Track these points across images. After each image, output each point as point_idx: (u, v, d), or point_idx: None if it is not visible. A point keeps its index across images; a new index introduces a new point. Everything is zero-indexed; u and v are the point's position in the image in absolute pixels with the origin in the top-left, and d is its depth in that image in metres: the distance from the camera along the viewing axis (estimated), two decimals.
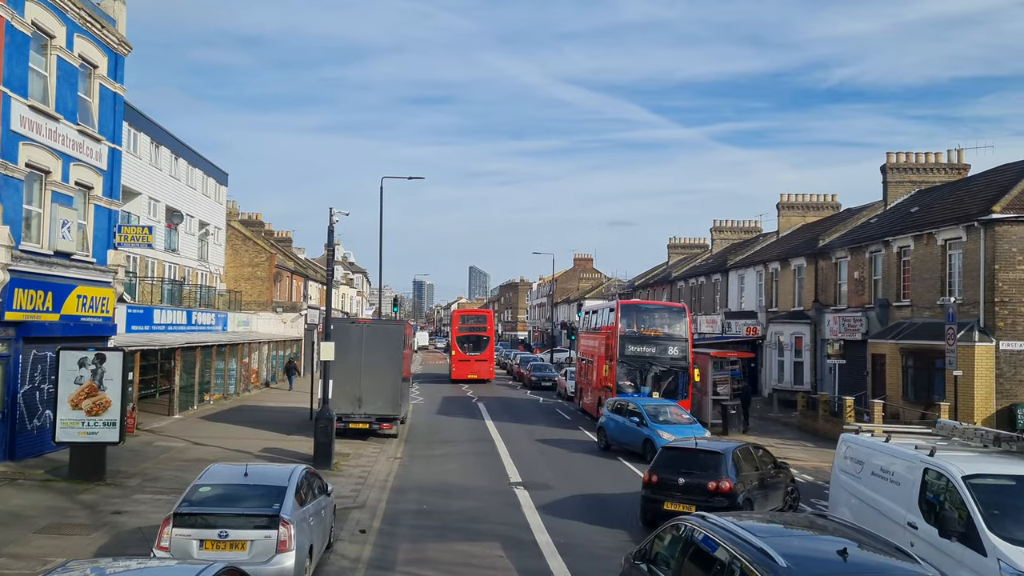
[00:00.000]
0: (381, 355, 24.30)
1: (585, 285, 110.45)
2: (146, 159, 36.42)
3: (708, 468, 14.16)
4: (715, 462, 14.22)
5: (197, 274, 44.56)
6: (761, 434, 27.98)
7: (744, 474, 14.33)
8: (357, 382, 24.12)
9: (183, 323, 34.67)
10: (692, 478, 14.12)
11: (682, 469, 14.39)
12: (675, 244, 67.43)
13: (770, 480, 15.43)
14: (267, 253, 51.22)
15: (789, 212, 45.28)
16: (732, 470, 14.06)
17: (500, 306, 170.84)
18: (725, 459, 14.24)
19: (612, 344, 28.34)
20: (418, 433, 27.28)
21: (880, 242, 29.65)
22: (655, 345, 27.95)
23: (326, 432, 19.45)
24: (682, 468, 14.41)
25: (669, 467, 14.61)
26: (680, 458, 14.72)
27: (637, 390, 27.87)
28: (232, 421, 27.62)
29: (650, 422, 21.99)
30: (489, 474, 20.07)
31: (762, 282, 40.95)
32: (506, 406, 36.53)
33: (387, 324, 26.71)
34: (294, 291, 57.07)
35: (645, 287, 64.50)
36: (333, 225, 20.51)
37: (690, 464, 14.43)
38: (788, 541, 7.43)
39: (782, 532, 7.92)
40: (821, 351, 33.96)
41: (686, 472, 14.29)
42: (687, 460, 14.59)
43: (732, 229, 56.78)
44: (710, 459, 14.38)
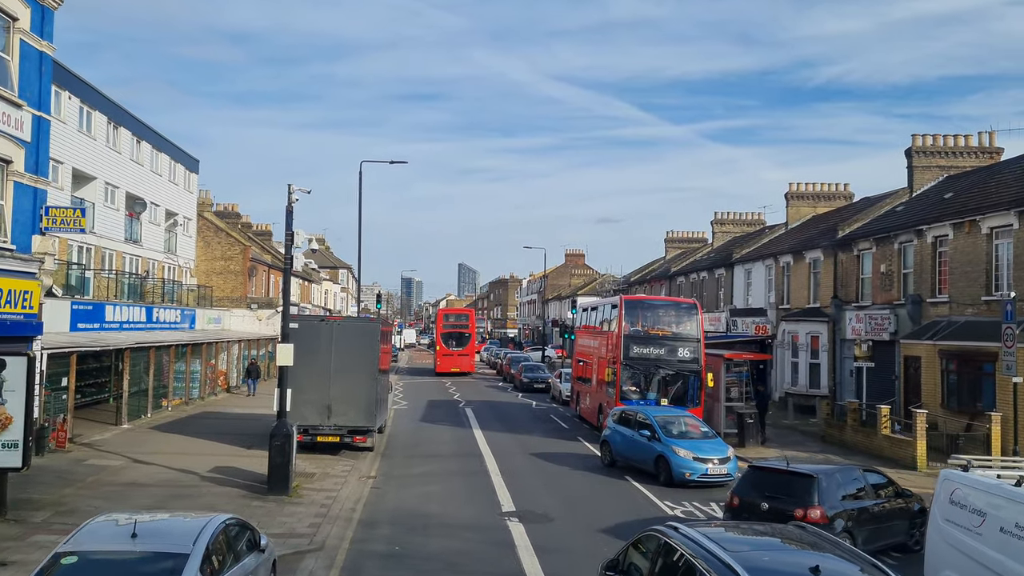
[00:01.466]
0: (354, 358, 21.22)
1: (577, 281, 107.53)
2: (102, 140, 33.13)
3: (797, 493, 12.49)
4: (806, 487, 12.49)
5: (163, 267, 41.25)
6: (781, 445, 25.02)
7: (845, 502, 12.61)
8: (326, 389, 21.02)
9: (141, 320, 31.44)
10: (778, 503, 12.49)
11: (767, 493, 12.80)
12: (672, 238, 64.53)
13: (885, 510, 13.16)
14: (241, 245, 47.96)
15: (798, 202, 42.40)
16: (827, 497, 12.35)
17: (489, 303, 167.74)
18: (818, 484, 12.47)
19: (614, 345, 25.33)
20: (398, 445, 24.20)
21: (911, 231, 26.75)
22: (663, 346, 24.95)
23: (282, 451, 16.34)
24: (767, 492, 12.82)
25: (754, 490, 13.10)
26: (767, 480, 13.17)
27: (643, 396, 24.88)
28: (187, 432, 24.44)
29: (663, 436, 18.97)
30: (477, 500, 17.01)
31: (772, 277, 38.05)
32: (496, 412, 33.48)
33: (361, 322, 23.69)
34: (271, 286, 53.83)
35: (641, 283, 61.59)
36: (292, 205, 17.41)
37: (777, 487, 12.82)
38: (757, 555, 7.11)
39: (754, 545, 7.60)
40: (841, 352, 31.06)
41: (772, 496, 12.70)
42: (775, 483, 12.97)
43: (734, 222, 53.89)
44: (800, 483, 12.64)
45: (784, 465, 13.30)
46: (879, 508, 13.09)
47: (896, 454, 21.81)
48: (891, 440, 22.36)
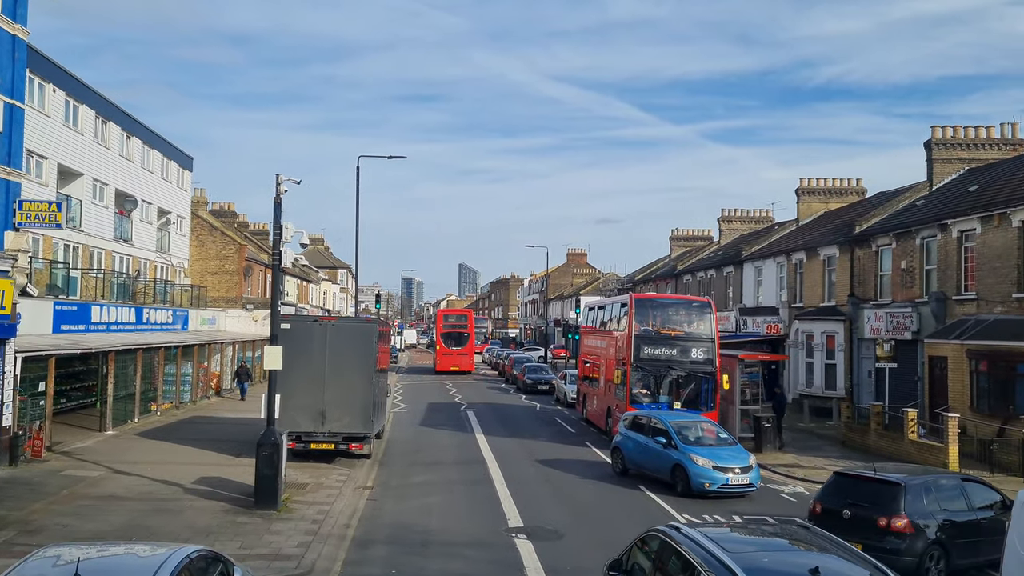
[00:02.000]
0: (350, 360, 19.99)
1: (579, 281, 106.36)
2: (89, 135, 31.92)
3: (882, 501, 11.89)
4: (891, 495, 11.89)
5: (155, 267, 40.06)
6: (800, 451, 23.79)
7: (937, 512, 11.89)
8: (320, 394, 19.79)
9: (130, 321, 30.26)
10: (861, 511, 11.96)
11: (850, 500, 12.27)
12: (677, 236, 63.27)
13: (987, 523, 12.17)
14: (236, 244, 46.74)
15: (809, 198, 41.13)
16: (914, 506, 11.72)
17: (490, 303, 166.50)
18: (904, 491, 11.84)
19: (624, 345, 24.09)
20: (397, 451, 22.97)
21: (935, 226, 25.50)
22: (675, 347, 23.69)
23: (271, 462, 15.09)
24: (851, 499, 12.29)
25: (837, 496, 12.58)
26: (851, 487, 12.59)
27: (654, 400, 23.64)
28: (175, 438, 23.20)
29: (680, 444, 17.72)
30: (481, 514, 15.77)
31: (784, 274, 36.80)
32: (499, 415, 32.24)
33: (358, 322, 22.49)
34: (268, 286, 52.58)
35: (646, 282, 60.35)
36: (281, 196, 16.17)
37: (861, 495, 12.27)
38: (757, 556, 7.10)
39: (755, 546, 7.60)
40: (859, 352, 29.82)
41: (855, 504, 12.14)
42: (859, 490, 12.41)
43: (742, 219, 52.61)
44: (885, 491, 12.03)
45: (870, 472, 12.66)
46: (979, 521, 12.09)
47: (925, 460, 20.57)
48: (919, 446, 21.12)
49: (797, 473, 20.48)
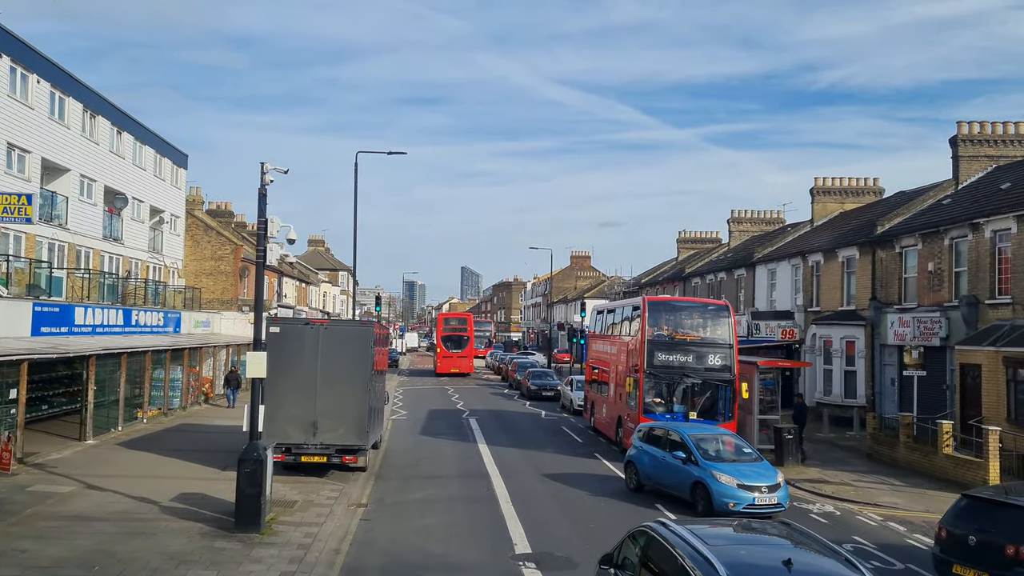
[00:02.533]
0: (344, 366, 18.62)
1: (583, 284, 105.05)
2: (76, 129, 30.65)
3: (1011, 527, 10.75)
4: (1020, 521, 10.75)
5: (147, 268, 38.79)
6: (824, 464, 22.36)
7: None
8: (311, 403, 18.40)
9: (118, 324, 28.94)
10: (988, 536, 10.93)
11: (977, 526, 11.24)
12: (685, 238, 61.90)
13: None
14: (233, 245, 45.39)
15: (825, 198, 39.74)
16: None
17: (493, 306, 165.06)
18: None
19: (637, 351, 22.67)
20: (394, 463, 21.58)
21: (965, 225, 24.08)
22: (692, 353, 22.27)
23: (253, 479, 13.69)
24: (977, 524, 11.26)
25: (963, 520, 11.53)
26: (979, 511, 11.54)
27: (669, 409, 22.22)
28: (159, 448, 21.83)
29: (701, 459, 16.29)
30: (485, 537, 14.37)
31: (799, 277, 35.38)
32: (502, 422, 30.84)
33: (352, 325, 21.14)
34: (265, 287, 51.22)
35: (653, 284, 58.93)
36: (266, 187, 14.80)
37: (990, 520, 11.22)
38: (734, 549, 7.49)
39: (734, 541, 8.01)
40: (881, 358, 28.39)
41: (982, 529, 11.12)
42: (987, 514, 11.35)
43: (752, 220, 51.25)
44: (1016, 516, 10.85)
45: (1001, 496, 11.59)
46: None
47: (962, 476, 19.15)
48: (955, 461, 19.68)
49: (824, 490, 19.05)
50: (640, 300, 23.47)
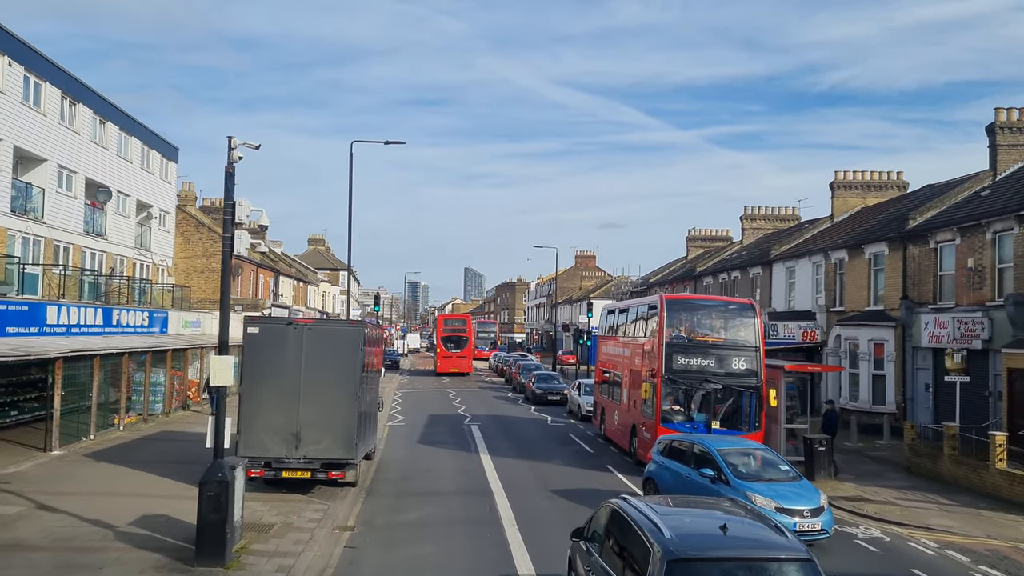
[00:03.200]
0: (331, 370, 16.72)
1: (588, 284, 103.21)
2: (54, 117, 28.81)
3: None
4: None
5: (134, 265, 36.97)
6: (859, 478, 20.39)
7: None
8: (294, 411, 16.49)
9: (97, 324, 27.10)
10: None
11: None
12: (695, 236, 59.95)
13: None
14: None
15: (846, 193, 37.77)
16: None
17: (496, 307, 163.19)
18: None
19: (654, 355, 20.71)
20: (389, 476, 19.68)
21: (1011, 218, 22.10)
22: (714, 356, 20.32)
23: (217, 504, 11.77)
24: None
25: None
26: None
27: (689, 418, 20.29)
28: (130, 460, 19.93)
29: (733, 478, 14.35)
30: (487, 570, 12.44)
31: (820, 275, 33.40)
32: (506, 429, 28.91)
33: (340, 325, 19.24)
34: (260, 286, 49.41)
35: (662, 284, 56.97)
36: (234, 164, 12.91)
37: None
38: (681, 518, 8.74)
39: (682, 512, 9.20)
40: (913, 361, 26.41)
41: None
42: None
43: (767, 217, 49.29)
44: None
45: None
46: None
47: (1019, 495, 17.19)
48: (1011, 477, 17.69)
49: (865, 509, 17.09)
50: (656, 298, 21.52)
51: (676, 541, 7.62)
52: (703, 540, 7.91)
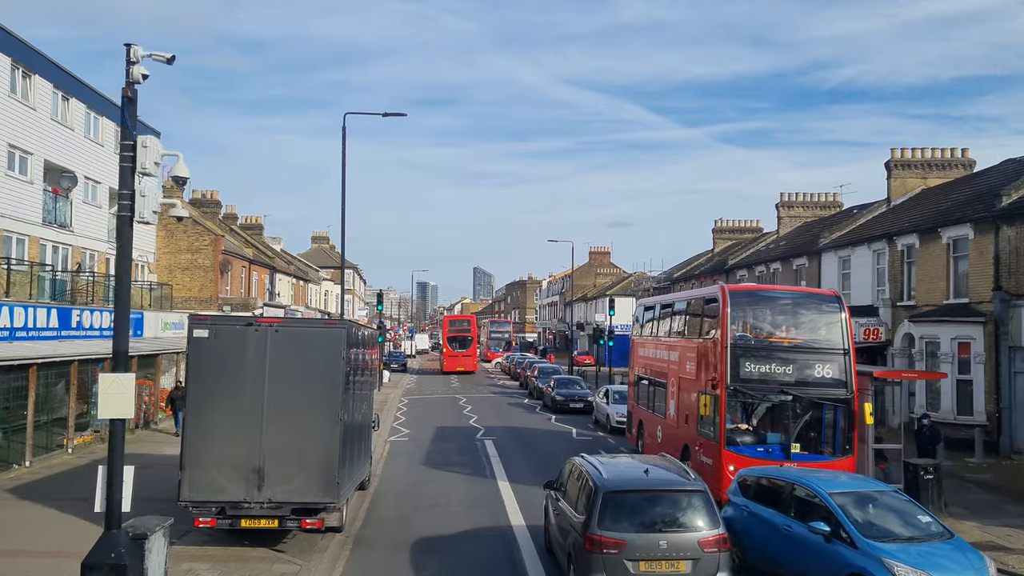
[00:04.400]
0: (304, 384, 12.74)
1: (603, 281, 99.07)
2: (3, 89, 24.93)
3: None
4: None
5: (107, 260, 33.09)
6: (976, 515, 16.20)
7: None
8: (255, 439, 12.49)
9: (52, 327, 23.24)
10: None
11: None
12: (723, 228, 55.78)
13: None
14: (211, 235, 39.64)
15: (904, 173, 33.55)
16: None
17: (506, 306, 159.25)
18: None
19: (715, 360, 16.57)
20: (385, 516, 15.69)
21: None
22: (791, 361, 16.17)
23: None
24: None
25: None
26: None
27: (761, 440, 16.22)
28: (61, 497, 15.94)
29: (860, 537, 10.16)
30: None
31: (884, 264, 29.19)
32: (526, 446, 24.88)
33: (314, 326, 15.21)
34: (253, 284, 45.53)
35: (688, 279, 52.82)
36: (135, 87, 8.93)
37: None
38: (617, 467, 12.00)
39: (620, 464, 12.50)
40: (1010, 364, 22.24)
41: None
42: None
43: (805, 204, 45.03)
44: None
45: None
46: None
47: None
48: None
49: (1008, 563, 12.95)
50: (716, 290, 17.37)
51: (609, 479, 10.97)
52: (629, 480, 11.19)
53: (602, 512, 10.29)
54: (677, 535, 10.16)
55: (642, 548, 9.97)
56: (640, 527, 10.21)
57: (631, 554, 9.92)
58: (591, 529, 10.20)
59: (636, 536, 10.06)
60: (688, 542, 10.10)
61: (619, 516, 10.30)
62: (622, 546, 9.95)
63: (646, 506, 10.55)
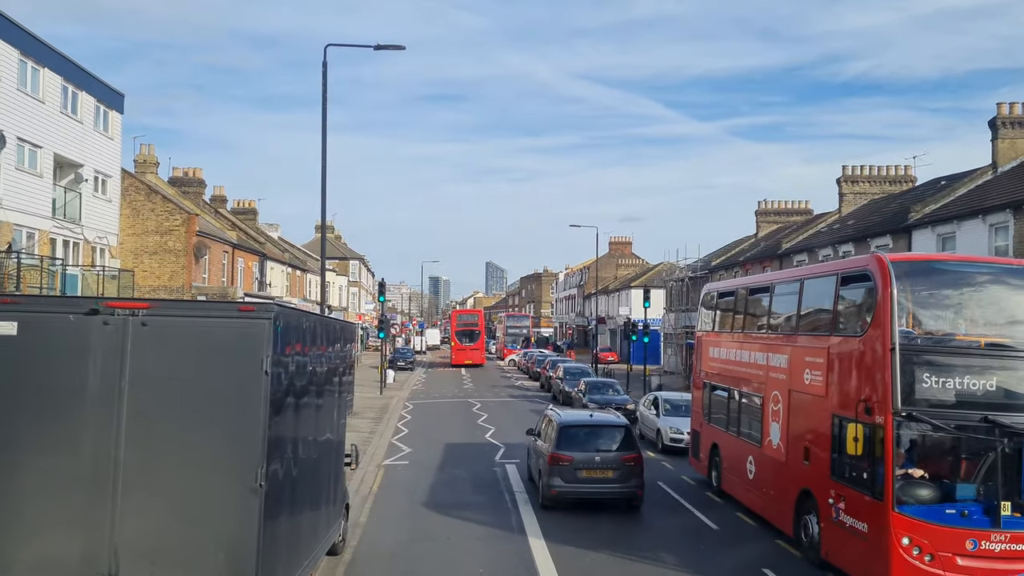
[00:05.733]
0: (192, 420, 7.08)
1: (625, 272, 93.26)
2: None
3: None
4: None
5: (53, 241, 27.58)
6: None
7: None
8: (100, 522, 6.80)
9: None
10: None
11: None
12: (766, 210, 49.78)
13: None
14: (183, 214, 34.03)
15: (1013, 132, 27.53)
16: None
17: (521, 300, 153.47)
18: None
19: (870, 370, 10.71)
20: None
21: None
22: (1002, 372, 10.31)
23: None
24: None
25: None
26: None
27: (948, 496, 10.35)
28: None
29: None
30: None
31: (1007, 241, 23.11)
32: None
33: (213, 314, 9.13)
34: (238, 272, 39.95)
35: (729, 267, 46.86)
36: None
37: None
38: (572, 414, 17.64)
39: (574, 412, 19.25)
40: None
41: None
42: None
43: (871, 179, 38.98)
44: None
45: None
46: None
47: None
48: None
49: None
50: (867, 261, 11.39)
51: (566, 419, 16.15)
52: (578, 420, 16.52)
53: (558, 439, 15.29)
54: (606, 454, 15.26)
55: (584, 461, 15.02)
56: (583, 449, 15.25)
57: (577, 465, 14.96)
58: (552, 450, 15.23)
59: (580, 454, 15.09)
60: (614, 459, 15.16)
61: (570, 442, 15.30)
62: (570, 460, 14.97)
63: (588, 436, 15.71)
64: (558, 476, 14.80)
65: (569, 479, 14.76)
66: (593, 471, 14.90)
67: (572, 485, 14.80)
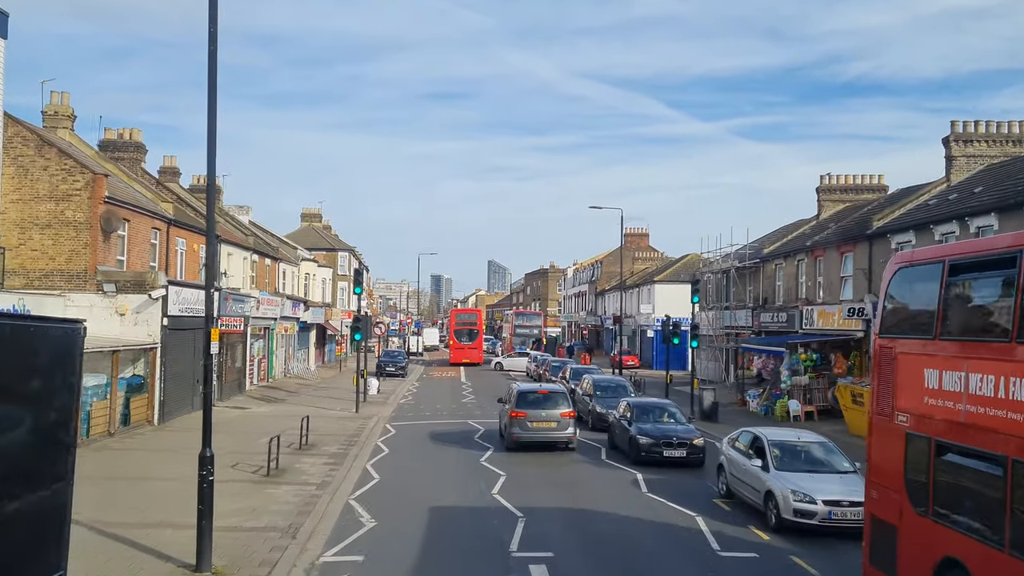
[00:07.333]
0: None
1: (643, 267, 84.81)
2: None
3: None
4: None
5: None
6: None
7: None
8: None
9: None
10: None
11: None
12: (830, 187, 41.11)
13: None
14: (87, 174, 25.37)
15: None
16: None
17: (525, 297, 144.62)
18: None
19: None
20: None
21: None
22: None
23: None
24: None
25: None
26: None
27: None
28: None
29: None
30: None
31: None
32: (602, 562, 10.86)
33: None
34: (176, 256, 31.32)
35: (787, 255, 38.30)
36: None
37: None
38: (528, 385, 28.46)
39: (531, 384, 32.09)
40: None
41: None
42: None
43: (989, 138, 30.35)
44: None
45: None
46: None
47: None
48: None
49: None
50: None
51: (522, 388, 23.03)
52: (531, 389, 23.15)
53: (517, 401, 22.08)
54: (550, 411, 21.87)
55: (533, 416, 21.68)
56: (533, 407, 21.88)
57: (529, 419, 21.64)
58: (512, 408, 22.05)
59: (531, 410, 21.77)
60: (555, 415, 21.81)
61: (525, 403, 22.01)
62: (525, 415, 21.66)
63: (538, 398, 22.22)
64: (517, 427, 21.71)
65: (524, 428, 21.67)
66: (539, 423, 21.73)
67: (527, 433, 21.66)
